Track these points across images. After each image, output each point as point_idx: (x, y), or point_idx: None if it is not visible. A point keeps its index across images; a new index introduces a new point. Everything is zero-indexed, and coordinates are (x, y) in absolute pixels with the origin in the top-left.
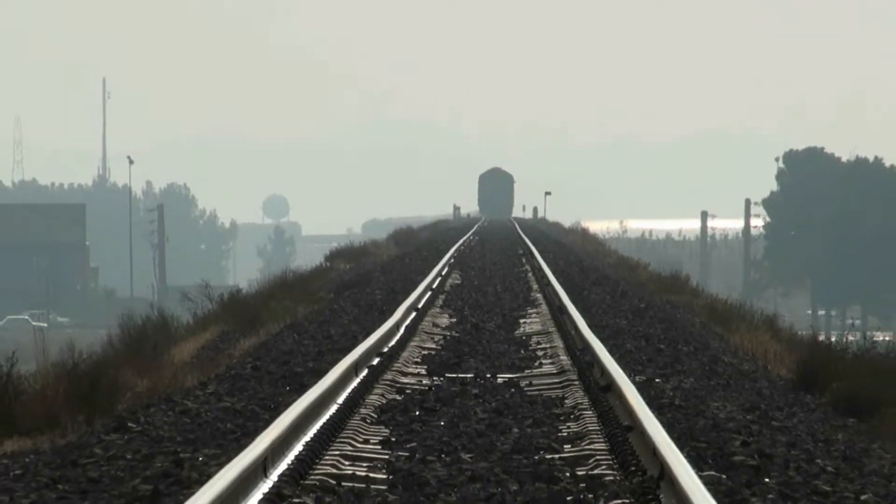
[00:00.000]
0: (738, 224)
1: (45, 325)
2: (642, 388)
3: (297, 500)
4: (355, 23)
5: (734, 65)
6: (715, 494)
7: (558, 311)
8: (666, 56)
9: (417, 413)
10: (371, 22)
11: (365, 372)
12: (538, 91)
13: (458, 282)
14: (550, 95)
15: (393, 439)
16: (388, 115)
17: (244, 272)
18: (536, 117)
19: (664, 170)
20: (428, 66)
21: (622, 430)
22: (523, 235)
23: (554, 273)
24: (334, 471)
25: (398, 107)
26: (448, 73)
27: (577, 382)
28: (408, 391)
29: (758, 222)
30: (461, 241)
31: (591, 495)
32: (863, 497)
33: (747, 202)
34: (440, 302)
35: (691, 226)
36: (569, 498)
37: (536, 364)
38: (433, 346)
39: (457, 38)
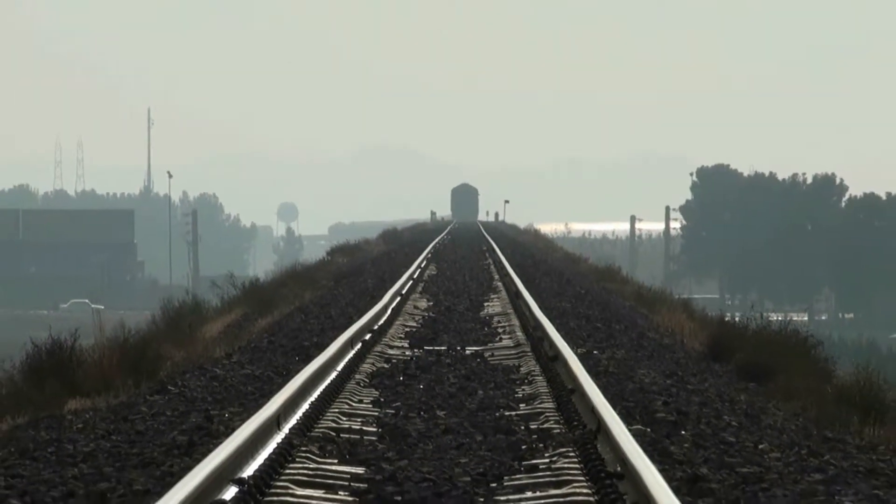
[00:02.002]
0: (660, 226)
1: (102, 307)
2: (583, 358)
3: (304, 449)
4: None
5: (659, 97)
6: (641, 444)
7: (515, 296)
8: (602, 90)
9: (401, 378)
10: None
11: (359, 345)
12: (500, 125)
13: (434, 273)
14: (509, 126)
15: (381, 400)
16: (375, 141)
17: (261, 265)
18: (498, 142)
19: (601, 183)
20: (405, 99)
21: (567, 392)
22: (487, 236)
23: (511, 265)
24: (334, 425)
25: (382, 134)
26: (423, 107)
27: (530, 354)
28: (394, 361)
29: (676, 225)
30: (436, 241)
31: (541, 444)
32: (760, 446)
33: (667, 209)
34: (420, 289)
35: (622, 228)
36: (523, 447)
37: (497, 339)
38: (414, 324)
39: (431, 77)
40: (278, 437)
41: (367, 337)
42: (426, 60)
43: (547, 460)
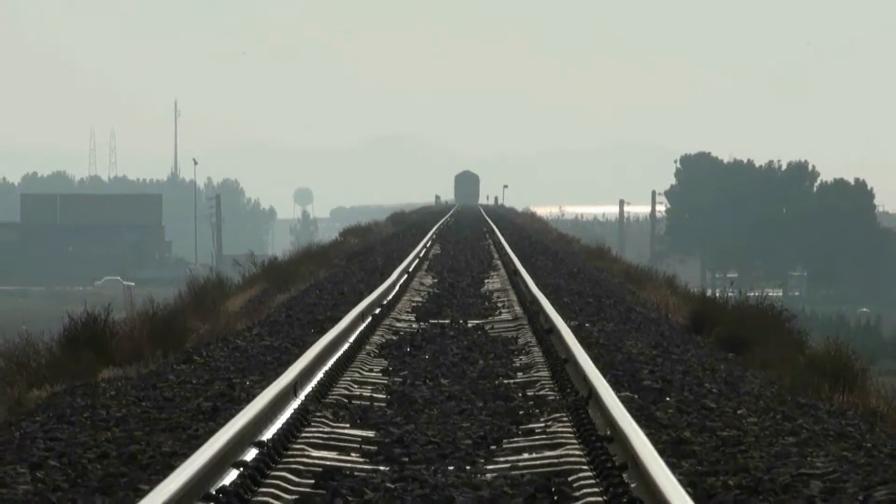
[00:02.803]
0: (647, 209)
1: (133, 283)
2: (575, 331)
3: (319, 414)
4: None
5: (645, 90)
6: (629, 410)
7: (513, 274)
8: (593, 84)
9: (408, 349)
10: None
11: (369, 319)
12: (499, 116)
13: (439, 252)
14: (507, 117)
15: (390, 369)
16: (384, 129)
17: (280, 245)
18: (497, 131)
19: (593, 169)
20: (419, 93)
21: (560, 361)
22: (487, 218)
23: (509, 245)
24: (346, 392)
25: (391, 122)
26: (431, 98)
27: (527, 326)
28: (401, 333)
29: (661, 208)
30: (441, 222)
31: (537, 410)
32: (739, 411)
33: (653, 193)
34: (425, 266)
35: (612, 210)
36: (521, 412)
37: (497, 313)
38: (420, 299)
39: (435, 72)
40: (295, 404)
41: (377, 311)
42: (431, 57)
43: (542, 424)
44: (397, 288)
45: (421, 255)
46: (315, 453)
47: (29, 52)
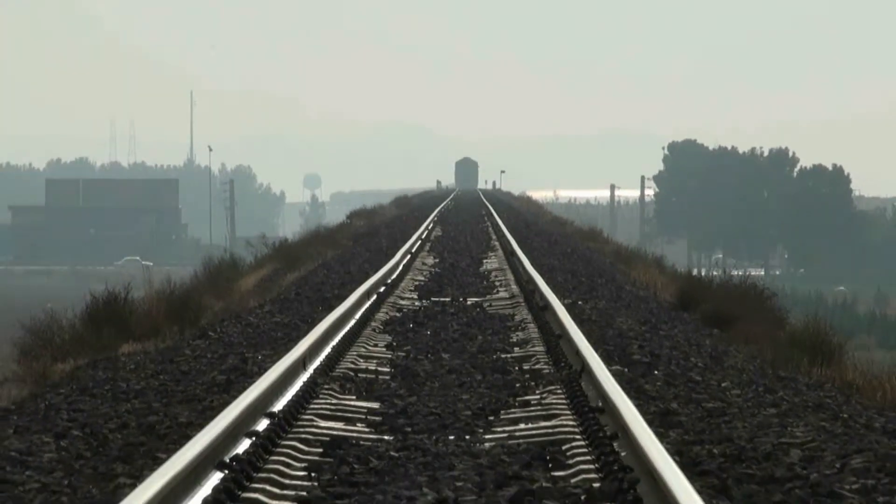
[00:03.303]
0: (636, 193)
1: (151, 263)
2: (569, 308)
3: (327, 387)
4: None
5: (634, 79)
6: (620, 382)
7: (510, 255)
8: (584, 73)
9: (411, 326)
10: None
11: (374, 297)
12: (497, 104)
13: (440, 234)
14: (503, 105)
15: (394, 344)
16: (388, 117)
17: (290, 227)
18: (495, 121)
19: (586, 155)
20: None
21: (555, 337)
22: (486, 201)
23: (506, 227)
24: (353, 366)
25: (395, 111)
26: (432, 90)
27: (523, 304)
28: (405, 310)
29: (650, 192)
30: (441, 206)
31: (533, 382)
32: (723, 384)
33: (642, 178)
34: (427, 247)
35: (603, 194)
36: (517, 385)
37: (494, 291)
38: (422, 278)
39: (434, 61)
40: (304, 377)
41: (382, 289)
42: (432, 49)
43: (538, 396)
44: (401, 268)
45: (423, 236)
46: (323, 424)
47: (53, 47)
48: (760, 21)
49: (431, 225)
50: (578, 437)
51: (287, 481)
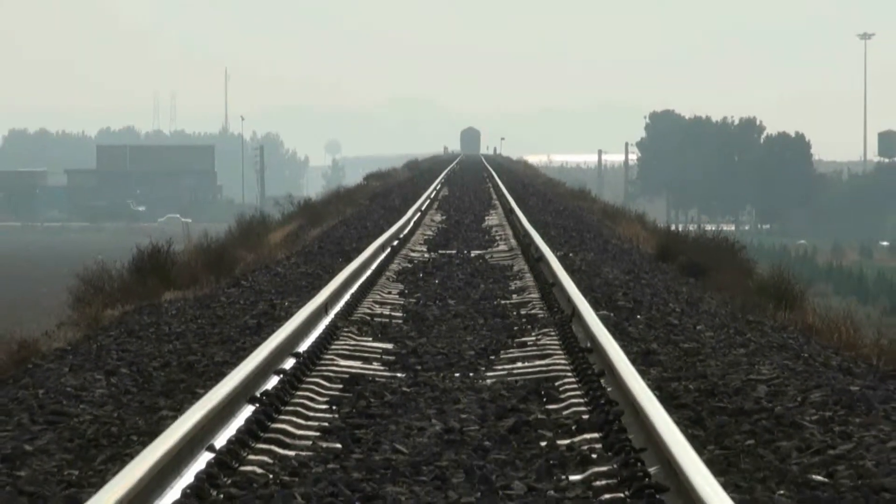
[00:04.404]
0: (621, 158)
1: (190, 220)
2: (561, 260)
3: (346, 329)
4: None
5: (620, 56)
6: (606, 326)
7: (509, 212)
8: (574, 51)
9: (421, 275)
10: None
11: (388, 250)
12: (496, 79)
13: (447, 194)
14: (504, 80)
15: (406, 291)
16: (400, 91)
17: (313, 188)
18: (496, 94)
19: (576, 123)
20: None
21: (548, 285)
22: (487, 165)
23: (506, 188)
24: (369, 310)
25: (406, 85)
26: (437, 65)
27: (520, 256)
28: (415, 261)
29: (633, 157)
30: (448, 169)
31: (529, 326)
32: (698, 327)
33: (626, 144)
34: (435, 206)
35: (592, 159)
36: (515, 328)
37: (495, 244)
38: (431, 233)
39: (442, 37)
40: (326, 321)
41: (395, 243)
42: (437, 28)
43: (533, 338)
44: (412, 224)
45: (431, 196)
46: (343, 362)
47: (103, 28)
48: (731, 6)
49: (439, 186)
50: (569, 374)
51: (311, 413)
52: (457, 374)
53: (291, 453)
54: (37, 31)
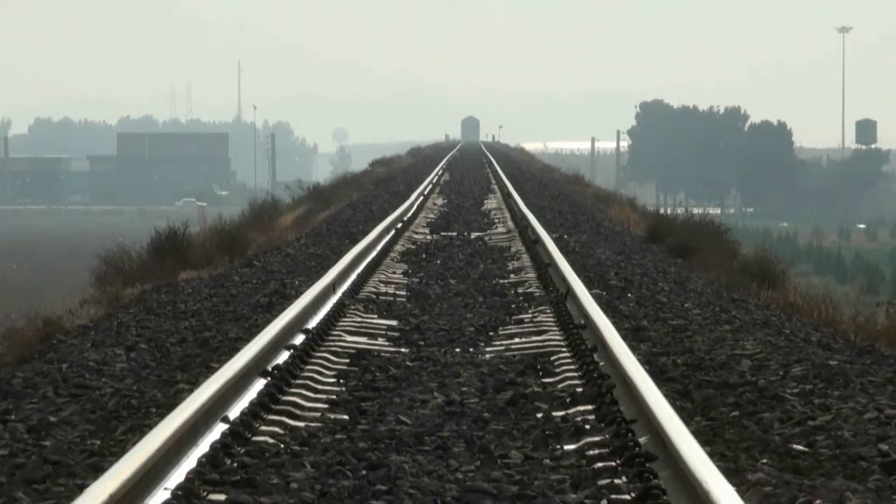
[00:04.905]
0: (613, 145)
1: (205, 204)
2: (556, 241)
3: (352, 307)
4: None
5: (612, 48)
6: (599, 303)
7: (507, 196)
8: (569, 42)
9: (423, 256)
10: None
11: (392, 232)
12: (496, 67)
13: (448, 179)
14: (503, 70)
15: (409, 271)
16: (405, 79)
17: (321, 173)
18: (495, 85)
19: (571, 112)
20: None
21: (544, 266)
22: (486, 152)
23: (504, 174)
24: (374, 289)
25: (412, 74)
26: (433, 51)
27: (518, 238)
28: (418, 243)
29: (624, 144)
30: (449, 156)
31: (526, 303)
32: (685, 305)
33: (618, 132)
34: (437, 190)
35: (585, 146)
36: (513, 305)
37: (494, 227)
38: (433, 216)
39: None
40: (333, 299)
41: (399, 226)
42: (435, 26)
43: (530, 315)
44: (415, 207)
45: (434, 181)
46: (350, 338)
47: (123, 20)
48: (719, 1)
49: (441, 171)
50: (564, 349)
51: (319, 387)
52: (457, 350)
53: (301, 424)
54: (61, 26)
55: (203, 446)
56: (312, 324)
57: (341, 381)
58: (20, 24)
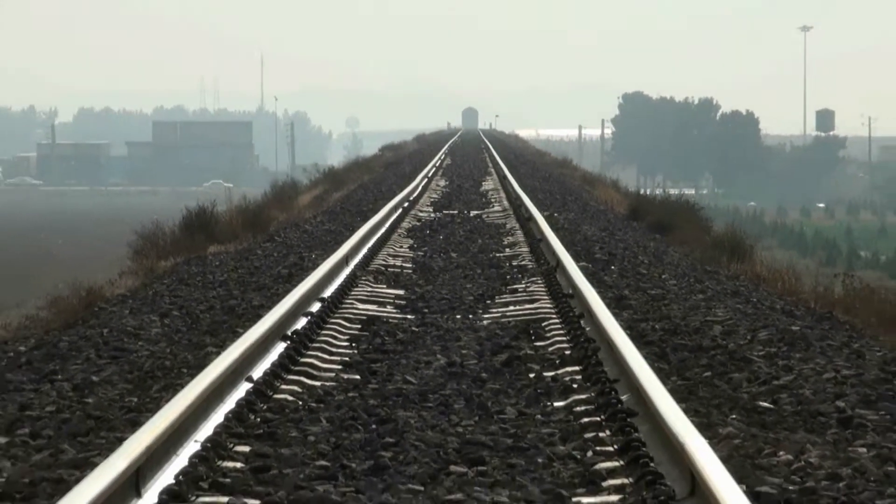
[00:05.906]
0: (598, 132)
1: (231, 185)
2: (547, 219)
3: (364, 278)
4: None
5: (598, 45)
6: (585, 275)
7: (502, 178)
8: (559, 40)
9: (427, 232)
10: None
11: (400, 210)
12: (492, 61)
13: (450, 163)
14: (499, 63)
15: (415, 245)
16: (410, 73)
17: (335, 158)
18: (492, 76)
19: (560, 102)
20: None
21: (536, 241)
22: (484, 138)
23: (500, 158)
24: (383, 262)
25: (417, 67)
26: (437, 49)
27: (512, 216)
28: (423, 220)
29: (608, 131)
30: (451, 142)
31: (520, 275)
32: (663, 276)
33: (602, 120)
34: (440, 173)
35: (573, 133)
36: (508, 276)
37: (491, 206)
38: (436, 196)
39: (441, 30)
40: (346, 271)
41: (406, 204)
42: (436, 24)
43: (524, 285)
44: (420, 188)
45: (437, 164)
46: (361, 306)
47: (156, 18)
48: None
49: (443, 156)
50: (554, 316)
51: (334, 349)
52: (458, 316)
53: (318, 383)
54: (101, 25)
55: (229, 403)
56: (328, 293)
57: (353, 344)
58: (64, 27)
